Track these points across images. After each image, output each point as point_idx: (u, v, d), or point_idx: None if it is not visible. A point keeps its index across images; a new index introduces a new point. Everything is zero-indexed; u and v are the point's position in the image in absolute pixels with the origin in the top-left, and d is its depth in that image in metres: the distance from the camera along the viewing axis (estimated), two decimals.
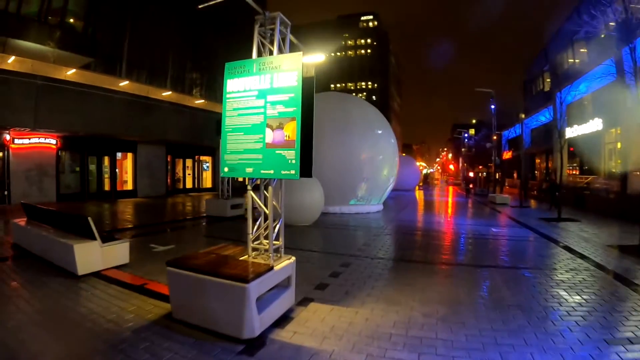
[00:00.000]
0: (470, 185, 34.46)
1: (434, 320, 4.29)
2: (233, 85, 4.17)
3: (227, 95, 4.19)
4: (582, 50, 22.17)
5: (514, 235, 10.68)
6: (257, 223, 4.45)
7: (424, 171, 62.16)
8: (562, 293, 5.29)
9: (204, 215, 13.80)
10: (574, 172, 23.46)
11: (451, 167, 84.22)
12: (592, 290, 5.44)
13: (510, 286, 5.64)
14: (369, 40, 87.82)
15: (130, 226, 11.49)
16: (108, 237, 6.70)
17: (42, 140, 16.91)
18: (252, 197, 4.22)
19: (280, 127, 3.81)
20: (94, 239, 6.15)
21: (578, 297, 5.11)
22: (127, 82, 21.18)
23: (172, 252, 7.79)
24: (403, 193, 29.90)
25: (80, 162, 19.14)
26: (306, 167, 3.89)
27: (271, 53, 4.21)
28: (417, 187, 38.48)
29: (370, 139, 15.05)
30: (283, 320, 4.26)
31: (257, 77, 4.00)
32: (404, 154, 44.05)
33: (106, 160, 20.63)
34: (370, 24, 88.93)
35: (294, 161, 3.73)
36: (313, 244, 9.22)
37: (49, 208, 7.51)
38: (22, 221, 8.05)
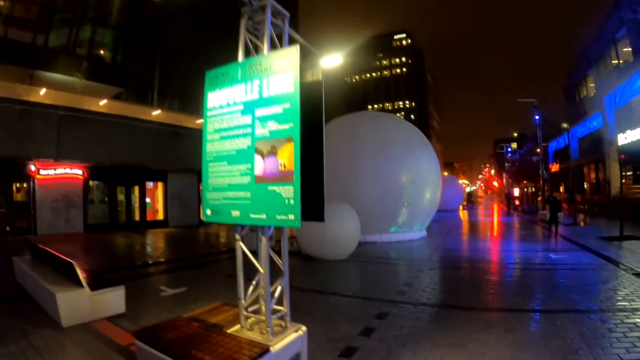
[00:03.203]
0: (517, 202, 32.28)
1: None
2: (214, 99, 3.11)
3: (208, 113, 3.13)
4: (625, 49, 20.85)
5: (577, 262, 9.36)
6: (256, 281, 3.31)
7: (467, 189, 59.19)
8: None
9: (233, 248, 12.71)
10: (625, 182, 21.48)
11: (495, 183, 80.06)
12: None
13: (587, 340, 4.43)
14: (403, 59, 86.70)
15: (149, 262, 10.64)
16: (101, 282, 5.82)
17: (68, 170, 16.68)
18: (242, 250, 3.09)
19: (272, 152, 2.67)
20: (82, 286, 5.34)
21: None
22: (159, 111, 21.05)
23: (181, 296, 6.89)
24: (447, 214, 28.31)
25: (109, 192, 18.85)
26: (314, 209, 2.71)
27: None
28: (461, 207, 36.75)
29: (410, 161, 13.63)
30: None
31: (242, 86, 2.92)
32: (446, 173, 42.37)
33: (136, 190, 20.24)
34: (404, 42, 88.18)
35: (292, 201, 2.56)
36: (345, 285, 8.04)
37: (44, 248, 6.75)
38: (25, 259, 7.44)
